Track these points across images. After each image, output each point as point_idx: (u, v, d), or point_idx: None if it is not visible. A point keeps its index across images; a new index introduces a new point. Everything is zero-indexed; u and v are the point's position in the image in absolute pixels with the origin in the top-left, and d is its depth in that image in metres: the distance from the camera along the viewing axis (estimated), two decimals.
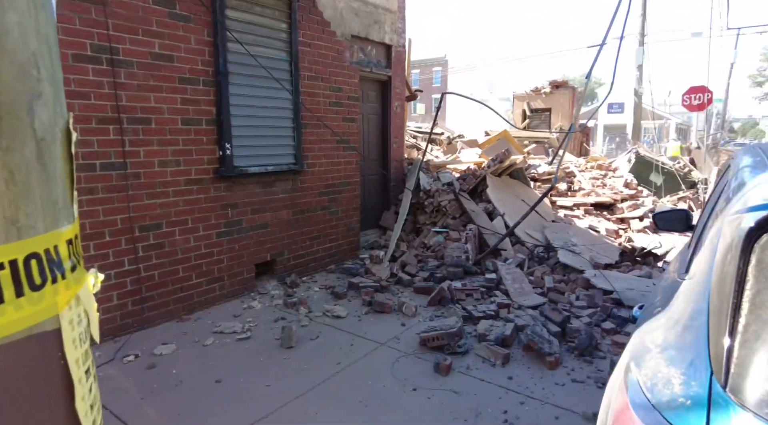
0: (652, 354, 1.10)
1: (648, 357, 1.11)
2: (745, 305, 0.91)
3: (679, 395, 0.90)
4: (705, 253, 1.22)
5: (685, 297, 1.20)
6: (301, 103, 4.95)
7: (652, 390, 0.97)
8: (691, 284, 1.20)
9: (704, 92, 13.67)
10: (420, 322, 4.07)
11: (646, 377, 1.03)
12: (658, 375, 1.00)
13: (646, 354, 1.14)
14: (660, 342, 1.13)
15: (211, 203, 4.29)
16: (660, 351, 1.09)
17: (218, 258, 4.40)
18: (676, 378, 0.94)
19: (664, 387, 0.95)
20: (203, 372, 3.23)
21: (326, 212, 5.48)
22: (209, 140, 4.22)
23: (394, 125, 6.68)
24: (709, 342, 0.94)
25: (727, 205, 1.29)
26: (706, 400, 0.85)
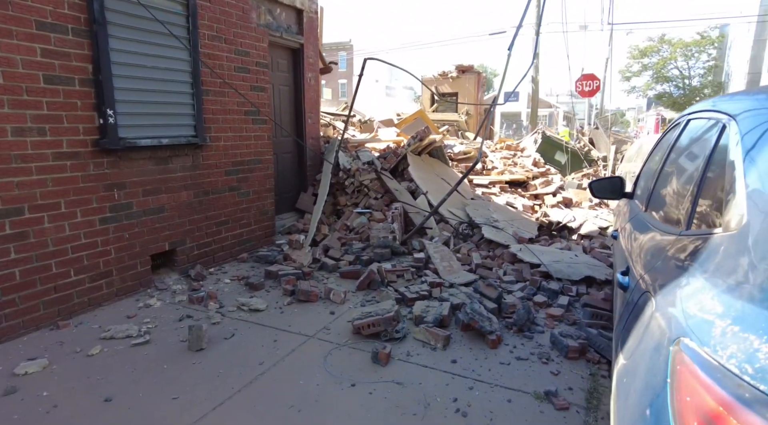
0: (722, 327, 0.84)
1: (716, 332, 0.84)
2: None
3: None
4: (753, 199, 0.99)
5: (738, 253, 0.96)
6: (201, 66, 4.25)
7: (765, 379, 0.69)
8: (743, 237, 0.97)
9: (594, 80, 14.82)
10: (351, 309, 3.70)
11: (736, 359, 0.75)
12: (759, 355, 0.73)
13: (707, 327, 0.87)
14: (723, 311, 0.87)
15: (91, 182, 3.50)
16: (734, 322, 0.83)
17: (104, 249, 3.63)
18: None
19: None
20: (87, 391, 2.56)
21: (235, 193, 4.85)
22: (85, 105, 3.41)
23: (308, 98, 6.15)
24: None
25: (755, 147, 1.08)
26: None
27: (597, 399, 2.54)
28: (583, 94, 15.14)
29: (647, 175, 2.72)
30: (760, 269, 0.86)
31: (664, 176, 2.09)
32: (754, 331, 0.77)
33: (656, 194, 2.10)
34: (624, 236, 2.43)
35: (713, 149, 1.45)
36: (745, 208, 1.01)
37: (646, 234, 1.78)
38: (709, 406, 0.73)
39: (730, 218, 1.07)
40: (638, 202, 2.62)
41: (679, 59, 48.00)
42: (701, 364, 0.80)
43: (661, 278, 1.26)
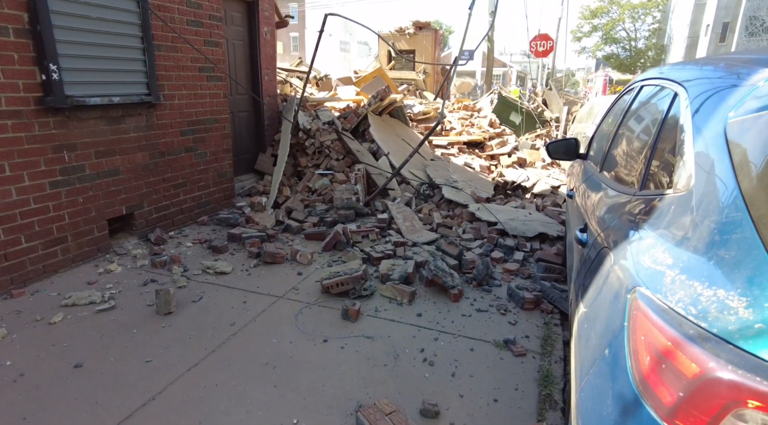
0: (671, 276, 0.97)
1: (667, 280, 0.97)
2: None
3: (752, 321, 0.77)
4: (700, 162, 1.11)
5: (686, 211, 1.09)
6: (151, 19, 3.99)
7: (705, 318, 0.83)
8: (690, 197, 1.09)
9: (547, 40, 15.00)
10: (318, 269, 3.77)
11: (683, 303, 0.89)
12: (701, 299, 0.86)
13: (658, 277, 1.01)
14: (672, 263, 1.00)
15: (37, 143, 3.29)
16: (681, 271, 0.96)
17: (56, 214, 3.47)
18: (735, 301, 0.81)
19: (723, 312, 0.81)
20: (54, 358, 2.53)
21: (192, 154, 4.70)
22: (24, 59, 3.16)
23: (264, 53, 5.93)
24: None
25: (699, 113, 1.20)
26: None
27: (551, 345, 2.79)
28: (537, 54, 15.34)
29: (601, 137, 2.89)
30: (704, 225, 0.99)
31: (619, 139, 2.24)
32: (698, 278, 0.91)
33: (611, 156, 2.25)
34: (579, 195, 2.60)
35: (665, 116, 1.57)
36: (693, 171, 1.14)
37: (602, 194, 1.93)
38: (661, 343, 0.86)
39: (679, 180, 1.20)
40: (592, 163, 2.78)
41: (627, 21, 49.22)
42: (654, 308, 0.93)
43: (618, 234, 1.40)
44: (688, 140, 1.24)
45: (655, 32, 49.49)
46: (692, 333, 0.82)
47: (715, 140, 1.08)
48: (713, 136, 1.10)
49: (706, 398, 0.75)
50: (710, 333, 0.80)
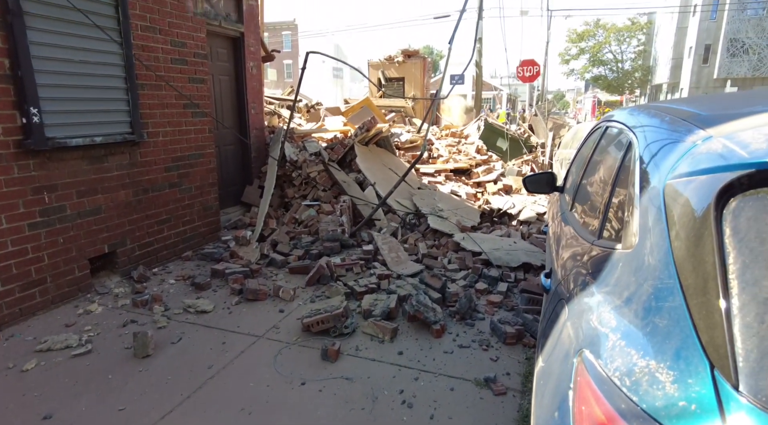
0: (613, 342, 0.97)
1: (608, 345, 0.98)
2: (735, 284, 0.81)
3: (677, 398, 0.77)
4: (642, 222, 1.13)
5: (629, 271, 1.10)
6: (135, 58, 4.05)
7: (637, 391, 0.83)
8: (634, 257, 1.11)
9: (534, 65, 15.34)
10: (300, 306, 3.74)
11: (619, 372, 0.89)
12: (635, 369, 0.87)
13: (602, 340, 1.01)
14: (615, 326, 1.01)
15: (16, 186, 3.29)
16: (621, 337, 0.97)
17: (35, 256, 3.45)
18: (663, 375, 0.81)
19: (652, 386, 0.81)
20: (23, 409, 2.48)
21: (176, 189, 4.71)
22: (4, 103, 3.19)
23: (251, 88, 6.01)
24: (695, 327, 0.82)
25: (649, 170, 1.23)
26: (715, 403, 0.73)
27: (532, 382, 2.76)
28: (524, 79, 15.66)
29: (574, 171, 2.93)
30: (643, 289, 1.00)
31: (585, 178, 2.27)
32: (635, 346, 0.91)
33: (579, 194, 2.28)
34: (551, 232, 2.62)
35: (621, 163, 1.60)
36: (636, 229, 1.15)
37: (567, 236, 1.95)
38: (597, 417, 0.86)
39: (627, 236, 1.21)
40: (567, 197, 2.81)
41: (613, 44, 50.47)
42: (595, 376, 0.93)
43: (574, 286, 1.40)
44: (635, 194, 1.26)
45: (641, 54, 50.74)
46: (624, 407, 0.82)
47: (654, 200, 1.10)
48: (654, 195, 1.12)
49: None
50: (640, 409, 0.80)
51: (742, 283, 0.81)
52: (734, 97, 1.68)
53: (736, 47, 34.56)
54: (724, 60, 35.50)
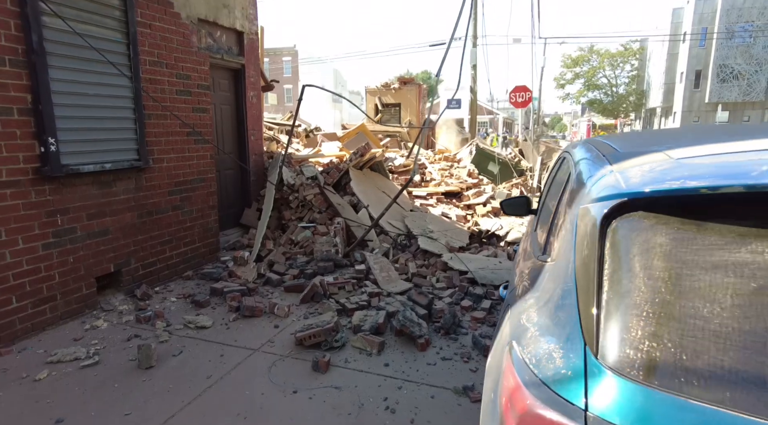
0: (531, 333, 1.23)
1: (528, 336, 1.23)
2: (606, 282, 1.08)
3: (561, 368, 1.03)
4: (564, 238, 1.40)
5: (551, 278, 1.36)
6: (143, 90, 4.39)
7: (538, 366, 1.08)
8: (556, 267, 1.37)
9: (526, 91, 15.82)
10: (294, 322, 3.97)
11: (530, 354, 1.14)
12: (540, 351, 1.12)
13: (525, 333, 1.27)
14: (536, 321, 1.27)
15: (33, 209, 3.57)
16: (537, 329, 1.22)
17: (47, 274, 3.70)
18: (556, 353, 1.07)
19: (548, 362, 1.07)
20: (37, 415, 2.69)
21: (179, 212, 4.99)
22: (25, 134, 3.49)
23: (251, 116, 6.36)
24: (580, 318, 1.08)
25: (575, 196, 1.50)
26: (583, 369, 0.99)
27: None
28: (516, 105, 16.12)
29: (542, 197, 3.21)
30: (556, 292, 1.26)
31: (546, 201, 2.56)
32: (544, 335, 1.16)
33: (541, 216, 2.55)
34: (520, 250, 2.89)
35: (564, 189, 1.89)
36: (560, 244, 1.42)
37: (525, 254, 2.21)
38: (510, 386, 1.11)
39: (555, 250, 1.48)
40: (535, 218, 3.09)
41: (607, 69, 51.60)
42: (515, 359, 1.18)
43: (518, 293, 1.66)
44: (565, 216, 1.54)
45: (634, 79, 51.89)
46: (527, 378, 1.07)
47: (572, 221, 1.37)
48: (572, 217, 1.39)
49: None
50: (538, 378, 1.05)
51: (610, 283, 1.07)
52: (653, 136, 1.98)
53: (726, 73, 35.47)
54: (714, 85, 36.42)
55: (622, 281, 1.05)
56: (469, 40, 18.32)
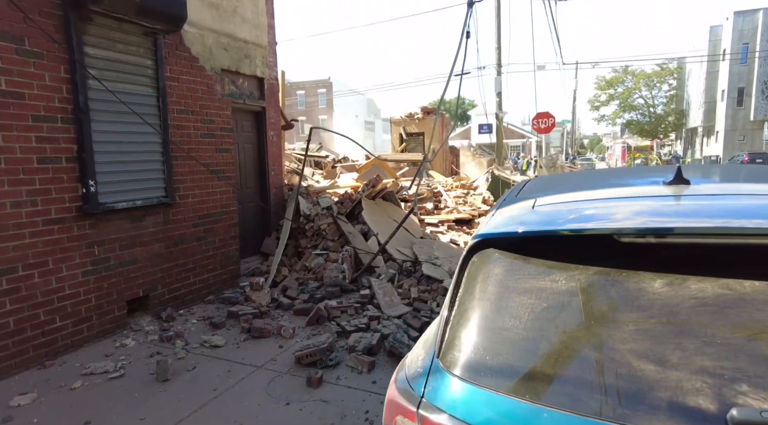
0: (423, 340, 1.58)
1: (420, 343, 1.58)
2: (456, 303, 1.42)
3: (418, 368, 1.37)
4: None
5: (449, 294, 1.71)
6: (170, 136, 5.02)
7: (409, 368, 1.43)
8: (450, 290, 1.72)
9: (548, 117, 15.99)
10: (297, 342, 4.36)
11: (410, 360, 1.49)
12: (415, 358, 1.47)
13: (421, 340, 1.61)
14: (429, 331, 1.61)
15: (74, 241, 4.17)
16: (426, 338, 1.57)
17: (85, 298, 4.27)
18: (421, 358, 1.41)
19: (414, 365, 1.41)
20: (70, 417, 3.18)
21: (202, 242, 5.54)
22: (71, 178, 4.13)
23: (271, 153, 6.95)
24: (442, 330, 1.42)
25: None
26: (428, 369, 1.33)
27: None
28: (539, 131, 16.30)
29: None
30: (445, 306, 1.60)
31: None
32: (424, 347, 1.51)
33: None
34: None
35: None
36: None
37: None
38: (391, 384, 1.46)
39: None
40: None
41: (643, 89, 50.59)
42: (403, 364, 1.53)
43: None
44: None
45: (673, 98, 50.63)
46: (398, 377, 1.42)
47: None
48: None
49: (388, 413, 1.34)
50: (404, 376, 1.39)
51: (458, 303, 1.41)
52: (560, 181, 2.31)
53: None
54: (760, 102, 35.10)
55: (465, 302, 1.40)
56: (493, 67, 18.78)
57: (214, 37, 5.73)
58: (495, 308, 1.32)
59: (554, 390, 1.13)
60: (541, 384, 1.16)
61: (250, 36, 6.38)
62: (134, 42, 4.63)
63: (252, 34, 6.41)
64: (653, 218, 1.30)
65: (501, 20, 18.10)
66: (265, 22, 6.68)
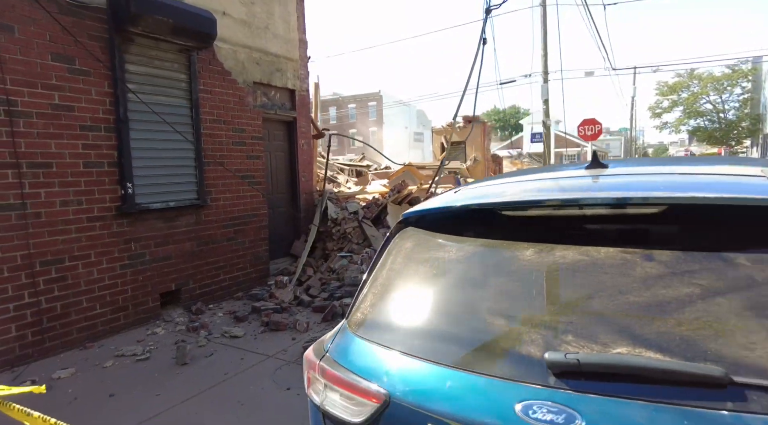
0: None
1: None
2: (372, 273, 1.57)
3: (335, 330, 1.53)
4: None
5: None
6: (203, 144, 5.47)
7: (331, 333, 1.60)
8: None
9: (595, 124, 15.50)
10: (310, 335, 4.59)
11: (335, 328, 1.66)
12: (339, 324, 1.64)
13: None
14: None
15: (114, 237, 4.66)
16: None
17: (122, 289, 4.74)
18: (341, 323, 1.58)
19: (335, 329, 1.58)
20: (99, 390, 3.57)
21: (232, 243, 5.94)
22: (111, 181, 4.63)
23: (302, 160, 7.32)
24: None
25: None
26: (338, 330, 1.49)
27: None
28: (585, 138, 15.83)
29: None
30: None
31: None
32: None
33: None
34: None
35: None
36: None
37: None
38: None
39: None
40: None
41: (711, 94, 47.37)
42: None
43: None
44: None
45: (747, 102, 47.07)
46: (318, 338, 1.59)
47: None
48: None
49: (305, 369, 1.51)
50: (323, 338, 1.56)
51: (373, 274, 1.56)
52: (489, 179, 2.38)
53: None
54: None
55: (376, 273, 1.55)
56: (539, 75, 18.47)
57: (246, 52, 6.19)
58: (396, 276, 1.47)
59: (422, 343, 1.27)
60: (412, 338, 1.30)
61: (282, 50, 6.81)
62: (169, 58, 5.13)
63: (283, 48, 6.84)
64: (532, 194, 1.40)
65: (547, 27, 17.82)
66: (296, 38, 7.10)
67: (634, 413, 0.92)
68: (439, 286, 1.37)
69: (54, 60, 4.16)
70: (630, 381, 0.95)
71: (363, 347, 1.36)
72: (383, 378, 1.25)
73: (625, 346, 1.01)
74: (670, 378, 0.92)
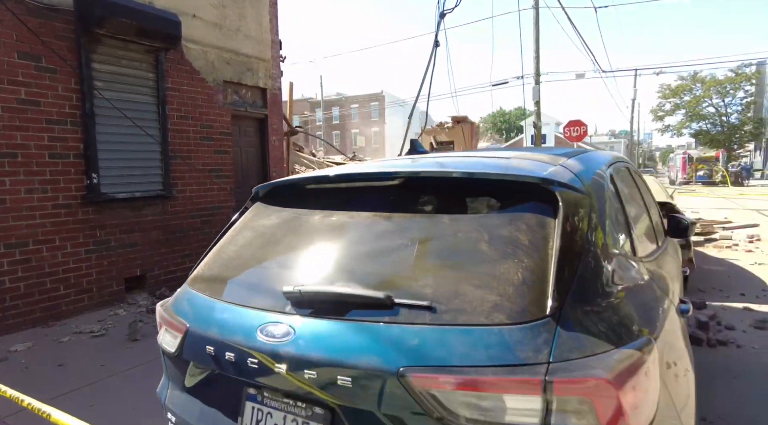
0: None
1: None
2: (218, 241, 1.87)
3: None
4: None
5: None
6: (169, 138, 5.80)
7: None
8: None
9: (580, 126, 15.72)
10: None
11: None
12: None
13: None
14: None
15: (79, 224, 4.99)
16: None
17: (87, 272, 5.07)
18: None
19: None
20: (50, 360, 3.90)
21: (199, 232, 6.27)
22: (77, 171, 4.97)
23: (273, 156, 7.64)
24: None
25: None
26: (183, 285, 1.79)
27: None
28: (571, 139, 16.04)
29: None
30: None
31: None
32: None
33: None
34: None
35: None
36: None
37: None
38: None
39: None
40: None
41: (714, 97, 47.20)
42: None
43: None
44: None
45: (750, 106, 46.88)
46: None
47: None
48: None
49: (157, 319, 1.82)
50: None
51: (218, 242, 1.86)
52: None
53: None
54: None
55: (220, 240, 1.85)
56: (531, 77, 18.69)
57: (217, 52, 6.52)
58: (230, 241, 1.77)
59: (217, 286, 1.60)
60: (213, 283, 1.61)
61: (254, 51, 7.13)
62: (137, 58, 5.47)
63: (255, 49, 7.16)
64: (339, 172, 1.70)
65: (540, 29, 18.04)
66: (269, 39, 7.43)
67: (330, 327, 1.23)
68: (248, 247, 1.68)
69: (21, 58, 4.50)
70: (332, 306, 1.26)
71: (189, 295, 1.66)
72: (188, 315, 1.56)
73: (341, 281, 1.31)
74: (356, 301, 1.23)
